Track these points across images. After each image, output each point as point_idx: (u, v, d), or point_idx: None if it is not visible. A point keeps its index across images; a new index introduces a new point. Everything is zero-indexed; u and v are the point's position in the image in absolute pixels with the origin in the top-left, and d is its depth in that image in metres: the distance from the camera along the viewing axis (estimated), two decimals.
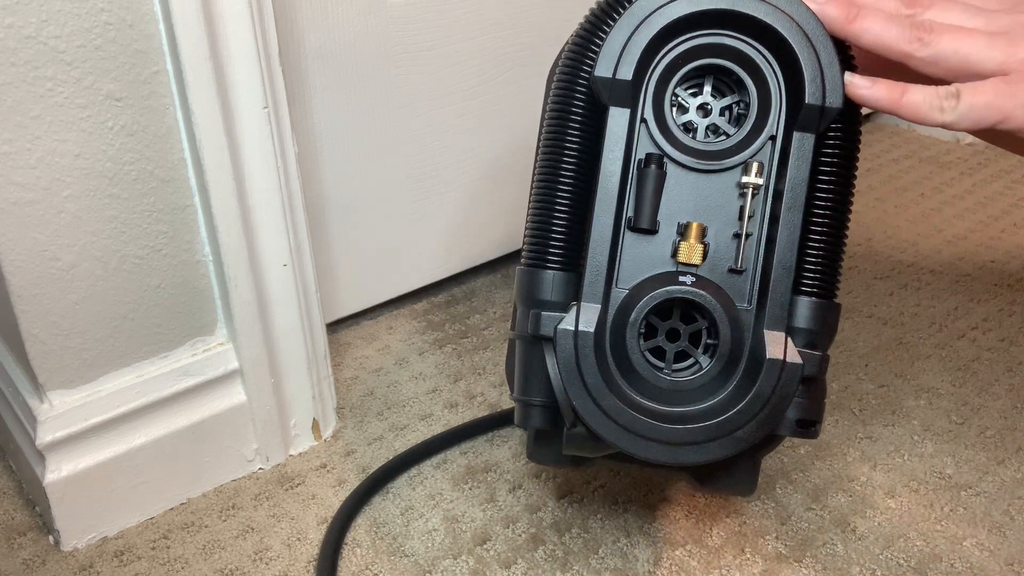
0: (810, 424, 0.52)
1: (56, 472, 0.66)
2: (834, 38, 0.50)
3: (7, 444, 0.76)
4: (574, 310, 0.50)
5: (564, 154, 0.51)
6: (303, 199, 0.71)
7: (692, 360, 0.52)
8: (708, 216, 0.52)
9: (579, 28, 0.52)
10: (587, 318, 0.50)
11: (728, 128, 0.52)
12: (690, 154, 0.51)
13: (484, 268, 1.04)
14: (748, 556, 0.67)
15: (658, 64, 0.51)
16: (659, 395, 0.51)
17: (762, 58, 0.51)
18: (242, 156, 0.66)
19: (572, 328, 0.50)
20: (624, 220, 0.51)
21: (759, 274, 0.51)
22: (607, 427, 0.50)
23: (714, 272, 0.52)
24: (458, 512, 0.71)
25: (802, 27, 0.49)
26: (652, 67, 0.51)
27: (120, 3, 0.59)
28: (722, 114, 0.53)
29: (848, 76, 0.49)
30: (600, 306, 0.50)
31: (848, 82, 0.49)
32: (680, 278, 0.51)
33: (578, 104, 0.51)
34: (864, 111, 0.52)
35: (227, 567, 0.67)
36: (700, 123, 0.53)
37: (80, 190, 0.62)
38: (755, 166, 0.51)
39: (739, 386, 0.51)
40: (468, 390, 0.85)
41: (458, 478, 0.74)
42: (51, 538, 0.70)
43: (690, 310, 0.51)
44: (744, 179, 0.51)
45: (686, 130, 0.52)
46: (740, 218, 0.52)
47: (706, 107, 0.53)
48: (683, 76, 0.52)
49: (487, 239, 1.01)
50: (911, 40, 0.48)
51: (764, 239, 0.51)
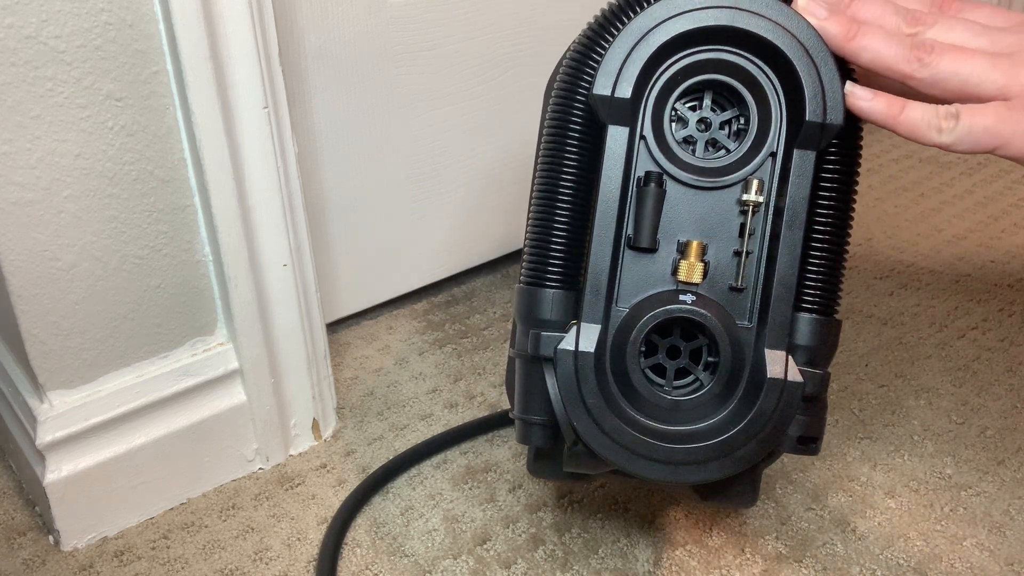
0: (811, 441, 0.52)
1: (56, 472, 0.66)
2: (835, 55, 0.49)
3: (7, 444, 0.76)
4: (574, 330, 0.50)
5: (562, 173, 0.51)
6: (303, 199, 0.71)
7: (693, 377, 0.52)
8: (708, 234, 0.51)
9: (576, 44, 0.51)
10: (587, 338, 0.50)
11: (728, 143, 0.52)
12: (690, 171, 0.51)
13: (484, 268, 1.04)
14: (748, 556, 0.67)
15: (657, 81, 0.50)
16: (660, 414, 0.51)
17: (762, 74, 0.50)
18: (242, 156, 0.66)
19: (572, 348, 0.50)
20: (624, 238, 0.51)
21: (760, 292, 0.51)
22: (608, 447, 0.50)
23: (714, 290, 0.51)
24: (458, 512, 0.71)
25: (803, 43, 0.49)
26: (651, 84, 0.50)
27: (120, 3, 0.59)
28: (721, 128, 0.52)
29: (848, 86, 0.49)
30: (600, 326, 0.50)
31: (848, 92, 0.49)
32: (680, 296, 0.50)
33: (576, 122, 0.50)
34: None
35: (227, 567, 0.67)
36: (699, 137, 0.52)
37: (80, 190, 0.62)
38: (755, 183, 0.50)
39: (740, 405, 0.50)
40: (468, 390, 0.85)
41: (458, 478, 0.74)
42: (51, 538, 0.70)
43: (691, 328, 0.51)
44: (744, 196, 0.51)
45: (685, 144, 0.52)
46: (740, 236, 0.51)
47: (706, 121, 0.52)
48: (682, 92, 0.51)
49: (487, 239, 1.01)
50: (910, 60, 0.48)
51: (765, 257, 0.51)
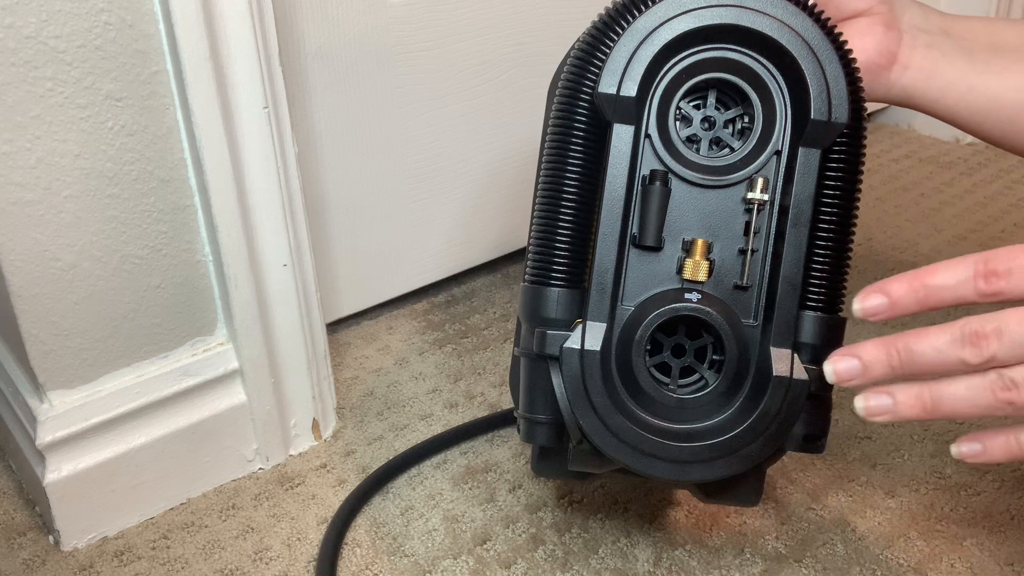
0: (816, 438, 0.52)
1: (56, 472, 0.66)
2: (839, 52, 0.49)
3: (7, 444, 0.76)
4: (579, 328, 0.50)
5: (567, 171, 0.51)
6: (303, 199, 0.71)
7: (698, 376, 0.52)
8: (713, 232, 0.51)
9: (580, 42, 0.51)
10: (593, 336, 0.50)
11: (732, 141, 0.52)
12: (695, 169, 0.51)
13: (484, 268, 1.04)
14: (748, 556, 0.67)
15: (662, 79, 0.50)
16: (665, 413, 0.51)
17: (767, 72, 0.50)
18: (242, 156, 0.66)
19: (578, 347, 0.50)
20: (629, 237, 0.51)
21: (765, 290, 0.51)
22: (614, 445, 0.50)
23: (719, 288, 0.51)
24: (458, 512, 0.71)
25: (808, 41, 0.49)
26: (656, 83, 0.50)
27: (120, 3, 0.59)
28: (725, 127, 0.52)
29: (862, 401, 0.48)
30: (606, 324, 0.50)
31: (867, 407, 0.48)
32: (686, 295, 0.50)
33: (580, 120, 0.50)
34: (867, 110, 0.52)
35: (227, 567, 0.67)
36: (703, 136, 0.52)
37: (80, 190, 0.62)
38: (760, 182, 0.50)
39: (745, 403, 0.51)
40: (468, 390, 0.85)
41: (458, 478, 0.74)
42: (51, 538, 0.70)
43: (696, 326, 0.51)
44: (749, 195, 0.51)
45: (689, 143, 0.52)
46: (745, 234, 0.51)
47: (710, 119, 0.52)
48: (687, 90, 0.51)
49: (487, 239, 1.01)
50: (1001, 406, 0.45)
51: (770, 255, 0.51)
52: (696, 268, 0.51)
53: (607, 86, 0.49)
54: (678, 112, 0.52)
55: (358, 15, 0.82)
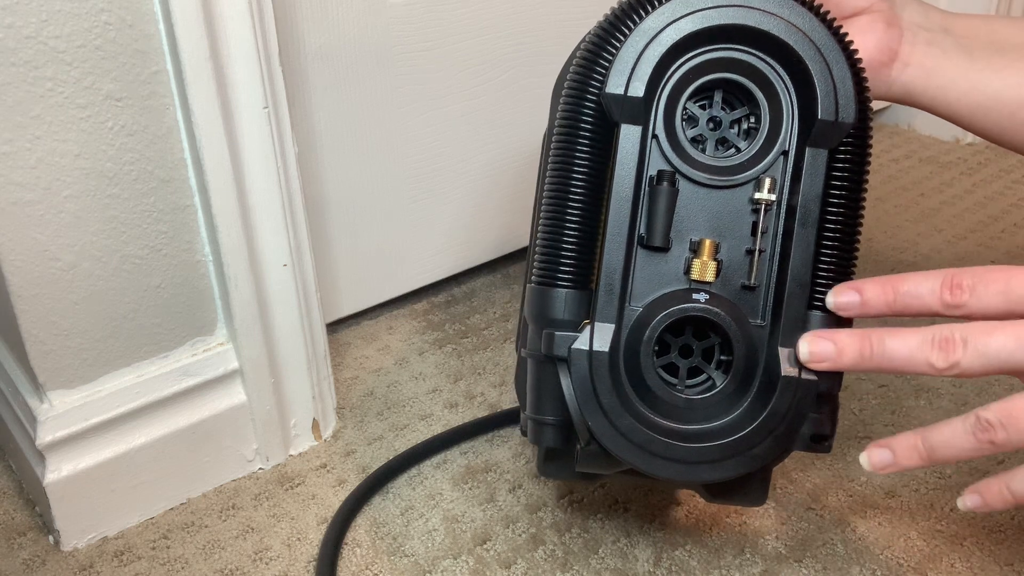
0: (824, 438, 0.52)
1: (56, 472, 0.66)
2: (846, 52, 0.49)
3: (7, 444, 0.76)
4: (587, 329, 0.50)
5: (574, 172, 0.50)
6: (303, 199, 0.71)
7: (705, 376, 0.52)
8: (720, 232, 0.51)
9: (586, 43, 0.51)
10: (601, 337, 0.50)
11: (738, 141, 0.52)
12: (702, 170, 0.51)
13: (484, 268, 1.04)
14: (748, 556, 0.67)
15: (669, 80, 0.50)
16: (674, 413, 0.51)
17: (774, 73, 0.50)
18: (242, 156, 0.66)
19: (586, 348, 0.50)
20: (636, 238, 0.51)
21: (772, 290, 0.51)
22: (623, 447, 0.50)
23: (727, 288, 0.51)
24: (458, 512, 0.71)
25: (815, 41, 0.49)
26: (663, 83, 0.50)
27: (120, 3, 0.59)
28: (731, 127, 0.52)
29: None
30: (614, 325, 0.50)
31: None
32: (694, 295, 0.50)
33: (587, 121, 0.50)
34: (873, 107, 0.52)
35: (227, 567, 0.67)
36: (710, 136, 0.52)
37: (80, 190, 0.62)
38: (768, 182, 0.50)
39: (754, 403, 0.51)
40: (468, 390, 0.85)
41: (458, 478, 0.74)
42: (51, 538, 0.70)
43: (703, 326, 0.51)
44: (757, 195, 0.51)
45: (695, 143, 0.52)
46: (753, 234, 0.51)
47: (716, 120, 0.52)
48: (693, 90, 0.51)
49: (487, 239, 1.01)
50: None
51: (777, 255, 0.51)
52: (704, 268, 0.51)
53: (614, 86, 0.49)
54: (684, 112, 0.52)
55: (358, 15, 0.82)
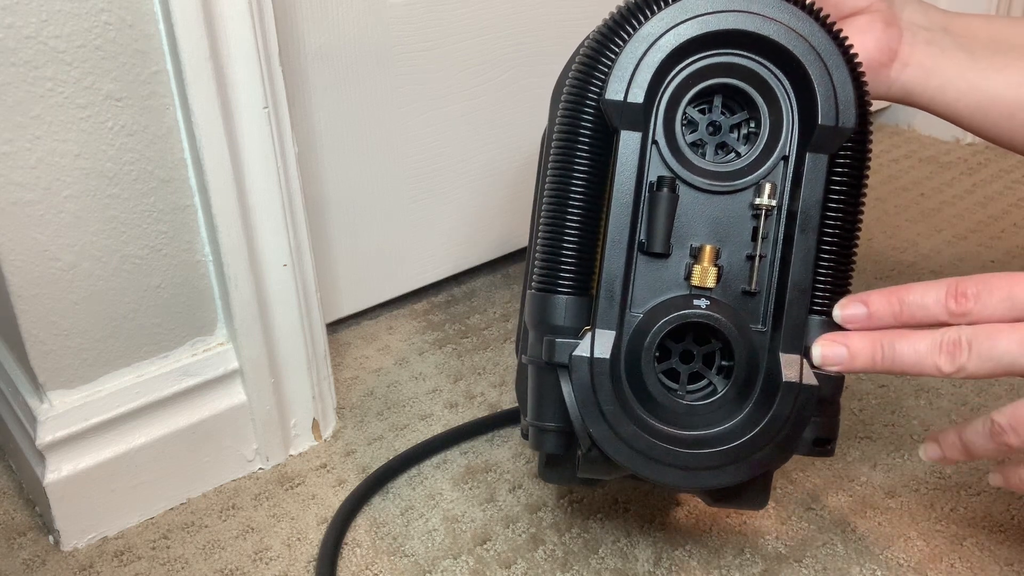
0: (826, 442, 0.52)
1: (56, 472, 0.66)
2: (846, 57, 0.49)
3: (7, 444, 0.76)
4: (588, 336, 0.50)
5: (573, 179, 0.50)
6: (303, 199, 0.71)
7: (707, 382, 0.52)
8: (721, 238, 0.51)
9: (585, 48, 0.51)
10: (602, 344, 0.50)
11: (738, 146, 0.52)
12: (702, 175, 0.51)
13: (484, 268, 1.04)
14: (748, 556, 0.67)
15: (668, 85, 0.50)
16: (676, 419, 0.51)
17: (774, 77, 0.50)
18: (242, 156, 0.66)
19: (587, 355, 0.49)
20: (637, 244, 0.51)
21: (773, 296, 0.51)
22: (624, 453, 0.50)
23: (727, 294, 0.51)
24: (458, 512, 0.71)
25: (814, 47, 0.48)
26: (662, 89, 0.50)
27: (120, 3, 0.59)
28: (731, 132, 0.52)
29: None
30: (615, 331, 0.50)
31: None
32: (695, 301, 0.50)
33: (586, 127, 0.50)
34: (872, 108, 0.52)
35: (227, 567, 0.67)
36: (709, 141, 0.52)
37: (80, 190, 0.62)
38: (768, 187, 0.50)
39: (755, 409, 0.50)
40: (468, 390, 0.85)
41: (458, 478, 0.74)
42: (51, 538, 0.70)
43: (704, 332, 0.51)
44: (757, 200, 0.50)
45: (694, 148, 0.52)
46: (753, 239, 0.51)
47: (715, 125, 0.52)
48: (693, 96, 0.51)
49: (487, 239, 1.01)
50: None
51: (778, 260, 0.51)
52: (704, 274, 0.50)
53: (614, 92, 0.48)
54: (684, 117, 0.51)
55: (358, 15, 0.82)
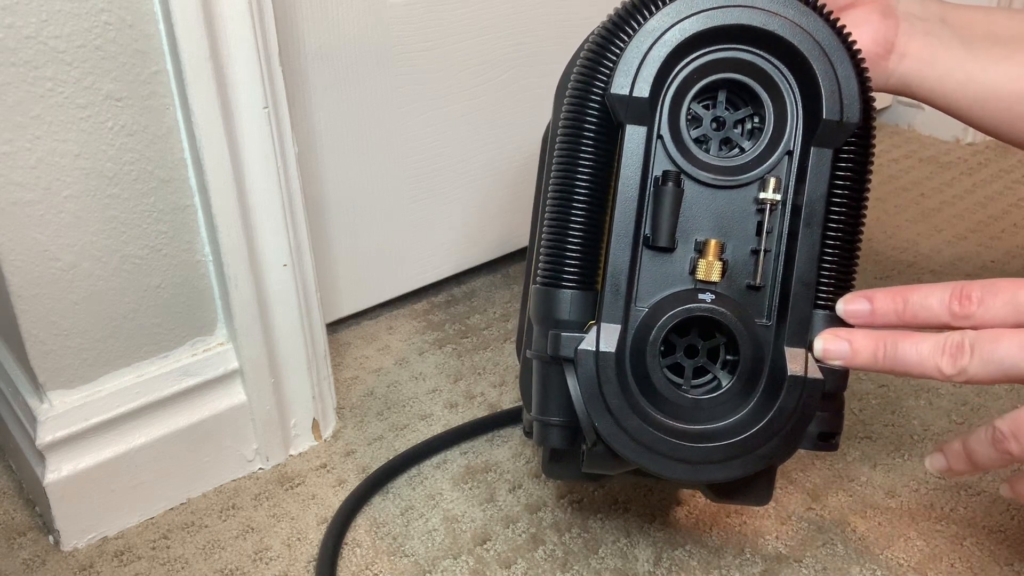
0: (831, 437, 0.53)
1: (56, 472, 0.66)
2: (850, 52, 0.49)
3: (7, 444, 0.76)
4: (593, 330, 0.50)
5: (579, 173, 0.50)
6: (303, 199, 0.71)
7: (712, 376, 0.52)
8: (726, 232, 0.51)
9: (590, 43, 0.51)
10: (607, 338, 0.50)
11: (742, 141, 0.52)
12: (707, 170, 0.51)
13: (484, 268, 1.04)
14: (748, 556, 0.67)
15: (673, 80, 0.50)
16: (681, 414, 0.51)
17: (778, 72, 0.50)
18: (242, 156, 0.66)
19: (593, 349, 0.50)
20: (642, 238, 0.51)
21: (778, 290, 0.51)
22: (629, 447, 0.50)
23: (732, 288, 0.51)
24: (458, 512, 0.71)
25: (819, 41, 0.49)
26: (667, 83, 0.50)
27: (120, 3, 0.59)
28: (735, 127, 0.52)
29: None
30: (620, 326, 0.50)
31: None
32: (700, 295, 0.50)
33: (592, 121, 0.50)
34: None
35: (227, 567, 0.67)
36: (713, 136, 0.52)
37: (80, 190, 0.62)
38: (772, 182, 0.50)
39: (760, 403, 0.51)
40: (468, 390, 0.85)
41: (458, 478, 0.74)
42: (51, 538, 0.70)
43: (709, 326, 0.51)
44: (762, 195, 0.51)
45: (699, 143, 0.52)
46: (758, 234, 0.51)
47: (720, 120, 0.52)
48: (698, 91, 0.51)
49: (487, 239, 1.01)
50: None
51: (783, 255, 0.51)
52: (709, 268, 0.51)
53: (619, 87, 0.49)
54: (688, 112, 0.52)
55: (358, 15, 0.82)
